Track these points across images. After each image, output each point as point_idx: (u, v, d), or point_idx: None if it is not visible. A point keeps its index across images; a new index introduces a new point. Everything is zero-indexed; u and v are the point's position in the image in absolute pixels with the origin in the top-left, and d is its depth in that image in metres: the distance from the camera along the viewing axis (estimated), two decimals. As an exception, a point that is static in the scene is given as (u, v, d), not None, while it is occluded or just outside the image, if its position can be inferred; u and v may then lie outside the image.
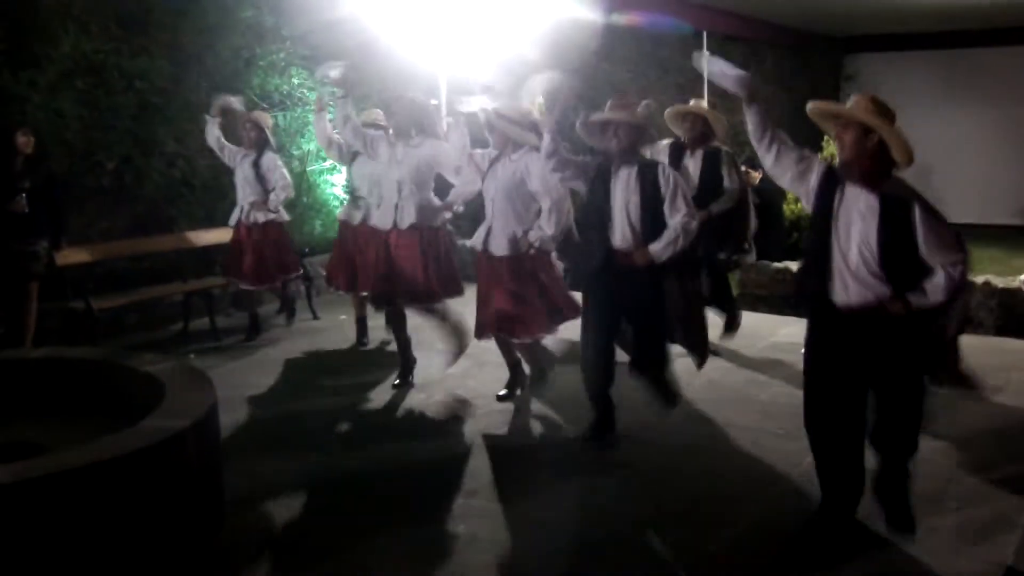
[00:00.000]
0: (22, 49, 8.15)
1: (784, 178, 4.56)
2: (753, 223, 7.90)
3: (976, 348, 4.92)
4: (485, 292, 6.43)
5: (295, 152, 10.15)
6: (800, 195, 4.61)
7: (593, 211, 5.71)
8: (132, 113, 8.85)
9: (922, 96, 16.91)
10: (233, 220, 8.56)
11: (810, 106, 4.48)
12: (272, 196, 8.40)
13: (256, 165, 8.37)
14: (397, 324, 7.22)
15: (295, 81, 10.21)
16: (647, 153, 6.04)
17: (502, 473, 5.48)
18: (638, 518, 4.86)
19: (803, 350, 4.63)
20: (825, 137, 10.85)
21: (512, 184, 6.20)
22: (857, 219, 4.26)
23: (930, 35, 18.26)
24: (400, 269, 6.80)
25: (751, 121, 4.58)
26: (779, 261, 9.68)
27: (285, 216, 8.66)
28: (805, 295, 4.58)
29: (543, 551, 4.54)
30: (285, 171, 8.51)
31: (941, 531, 4.64)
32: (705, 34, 14.29)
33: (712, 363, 7.07)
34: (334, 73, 6.85)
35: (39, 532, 3.72)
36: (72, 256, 8.08)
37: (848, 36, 19.51)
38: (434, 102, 7.83)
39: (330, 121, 7.81)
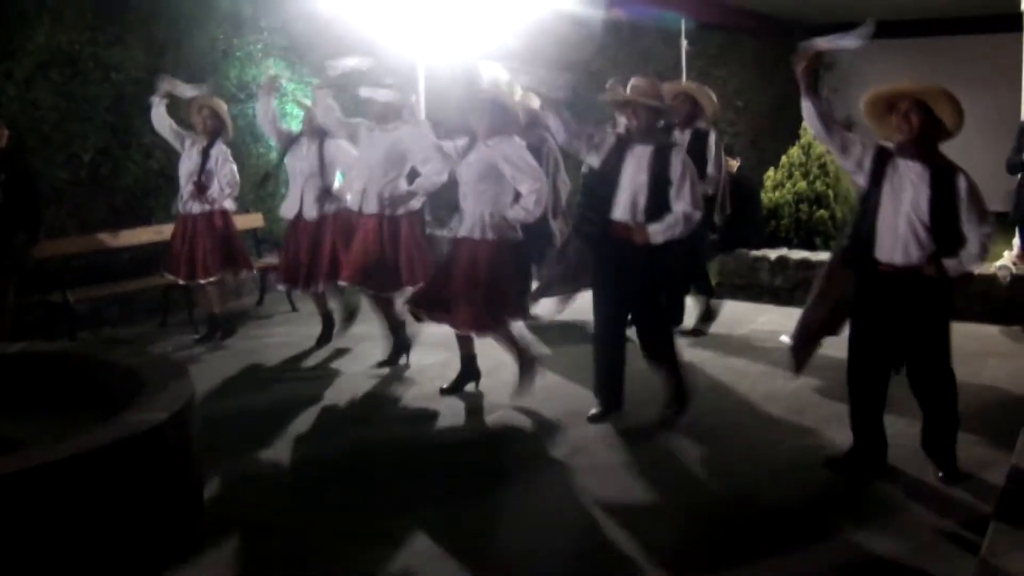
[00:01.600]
0: (-4, 40, 8.09)
1: (848, 163, 5.06)
2: (726, 210, 7.96)
3: (954, 334, 4.96)
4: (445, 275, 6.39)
5: (272, 143, 10.09)
6: (857, 176, 5.07)
7: (601, 182, 5.85)
8: (108, 104, 8.79)
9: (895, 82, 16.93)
10: (174, 210, 8.28)
11: (879, 90, 4.92)
12: (213, 189, 8.02)
13: (205, 154, 8.04)
14: (384, 307, 7.29)
15: (272, 72, 10.14)
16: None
17: (478, 467, 5.48)
18: (618, 510, 4.87)
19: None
20: (804, 125, 10.92)
21: (487, 169, 6.14)
22: (909, 187, 4.77)
23: (909, 23, 18.30)
24: (365, 253, 6.96)
25: (814, 114, 5.03)
26: (757, 249, 9.70)
27: (230, 206, 8.31)
28: (855, 258, 5.04)
29: (526, 546, 4.55)
30: (234, 167, 8.15)
31: (918, 519, 4.67)
32: (683, 23, 14.28)
33: (692, 351, 7.10)
34: (352, 63, 6.98)
35: (15, 527, 3.71)
36: (49, 249, 8.04)
37: (828, 24, 19.50)
38: (414, 97, 7.86)
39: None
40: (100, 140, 8.77)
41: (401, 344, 7.37)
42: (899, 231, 4.81)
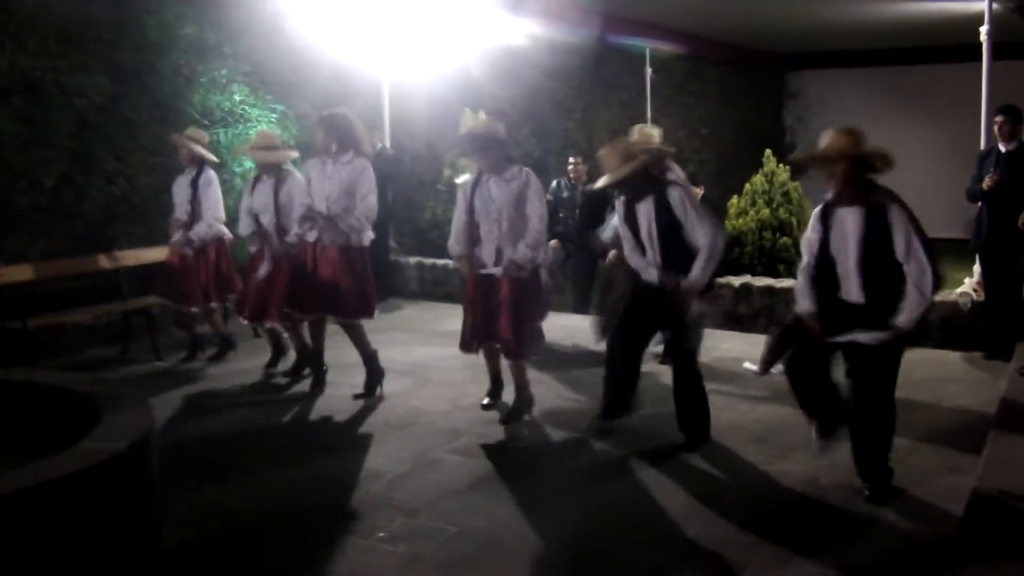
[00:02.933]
0: (-43, 66, 8.03)
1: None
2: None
3: (916, 360, 5.02)
4: (483, 310, 6.54)
5: (237, 170, 10.06)
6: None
7: (631, 240, 6.12)
8: (71, 130, 8.74)
9: (864, 113, 17.10)
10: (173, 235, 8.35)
11: (797, 157, 5.37)
12: (199, 228, 8.18)
13: (194, 184, 8.20)
14: (317, 333, 7.43)
15: (236, 98, 10.14)
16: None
17: (444, 492, 5.44)
18: (590, 533, 4.85)
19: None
20: (767, 153, 11.02)
21: (518, 201, 6.42)
22: (851, 231, 5.06)
23: (872, 52, 18.55)
24: (322, 282, 7.03)
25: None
26: (720, 276, 9.74)
27: (226, 233, 8.44)
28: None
29: (489, 571, 4.51)
30: (219, 194, 8.30)
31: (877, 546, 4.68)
32: (648, 51, 14.39)
33: (654, 378, 7.12)
34: None
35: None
36: (10, 275, 7.95)
37: (791, 53, 19.75)
38: (379, 145, 7.91)
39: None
40: (62, 166, 8.71)
41: (376, 374, 7.34)
42: (850, 274, 5.11)
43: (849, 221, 5.07)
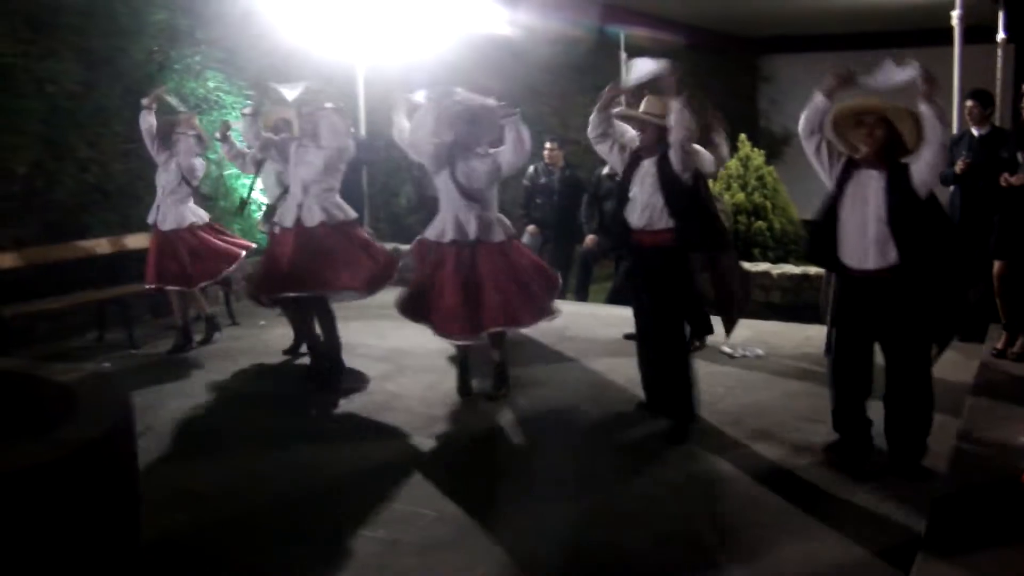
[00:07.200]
0: (-74, 52, 7.94)
1: (817, 162, 5.34)
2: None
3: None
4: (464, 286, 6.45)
5: (212, 156, 10.00)
6: (825, 178, 5.34)
7: (620, 194, 6.13)
8: (42, 117, 8.65)
9: (837, 96, 17.19)
10: (152, 219, 8.34)
11: (847, 105, 5.21)
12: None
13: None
14: (303, 316, 7.45)
15: (211, 84, 10.09)
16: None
17: (423, 477, 5.45)
18: (582, 523, 4.87)
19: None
20: (741, 137, 11.05)
21: (494, 174, 6.48)
22: (871, 196, 5.06)
23: (845, 36, 18.57)
24: (311, 264, 6.96)
25: (817, 110, 5.31)
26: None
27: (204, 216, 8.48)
28: (817, 256, 5.50)
29: (468, 554, 4.53)
30: (199, 160, 8.44)
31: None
32: (623, 36, 14.39)
33: (630, 361, 7.12)
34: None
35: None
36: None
37: (763, 37, 19.77)
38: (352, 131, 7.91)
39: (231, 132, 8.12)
40: (34, 154, 8.63)
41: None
42: (867, 237, 5.07)
43: (873, 184, 5.09)
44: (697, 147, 6.27)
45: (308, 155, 7.01)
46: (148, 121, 8.20)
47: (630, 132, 6.29)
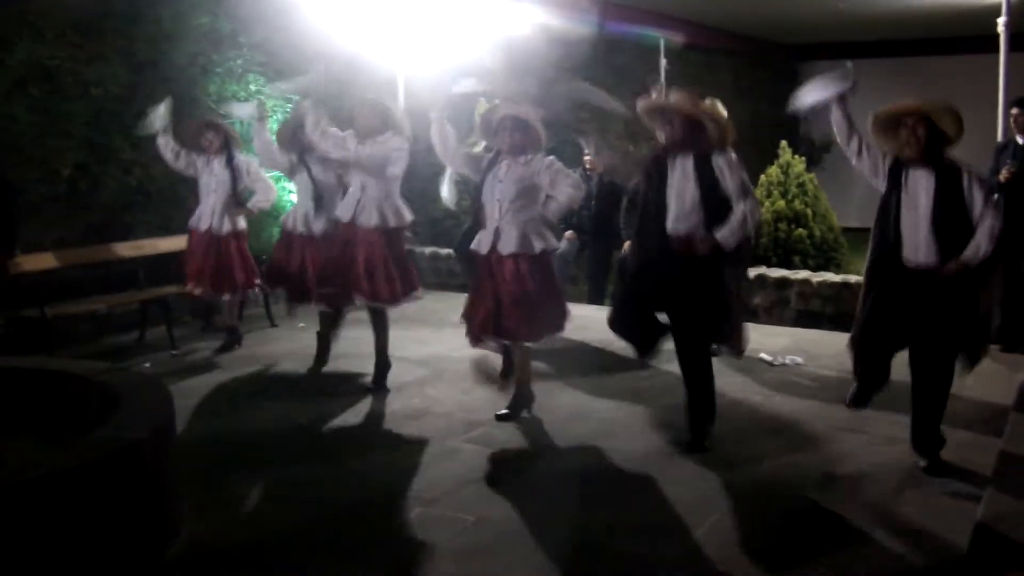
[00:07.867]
0: (-25, 55, 8.05)
1: (864, 166, 5.50)
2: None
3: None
4: (490, 295, 6.30)
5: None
6: (872, 180, 5.50)
7: (649, 200, 5.89)
8: (87, 120, 8.76)
9: (878, 103, 17.03)
10: (193, 225, 8.37)
11: (885, 109, 5.38)
12: (257, 199, 8.43)
13: (231, 167, 8.28)
14: (330, 322, 7.54)
15: (252, 87, 10.17)
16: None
17: (462, 482, 5.45)
18: (601, 525, 4.86)
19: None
20: (782, 144, 11.00)
21: (525, 185, 6.20)
22: (922, 194, 5.22)
23: (886, 43, 18.45)
24: (358, 267, 6.94)
25: (841, 121, 5.55)
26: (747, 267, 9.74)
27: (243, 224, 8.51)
28: (881, 258, 5.45)
29: (506, 560, 4.52)
30: (266, 174, 8.50)
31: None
32: (663, 42, 14.34)
33: (669, 366, 7.10)
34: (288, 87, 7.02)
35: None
36: (26, 264, 7.99)
37: (803, 44, 19.67)
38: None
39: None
40: (78, 156, 8.74)
41: (385, 366, 7.32)
42: (920, 234, 5.23)
43: (923, 183, 5.23)
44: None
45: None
46: (167, 144, 8.26)
47: None
